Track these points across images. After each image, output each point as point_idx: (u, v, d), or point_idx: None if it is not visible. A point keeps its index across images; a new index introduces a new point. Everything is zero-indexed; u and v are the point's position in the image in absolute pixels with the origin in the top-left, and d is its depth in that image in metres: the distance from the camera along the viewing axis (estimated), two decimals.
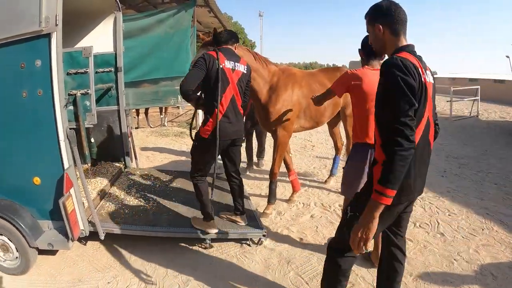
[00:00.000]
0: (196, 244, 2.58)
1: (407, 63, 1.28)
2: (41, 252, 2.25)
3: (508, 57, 14.31)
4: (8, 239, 2.14)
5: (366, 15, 1.50)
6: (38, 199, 2.18)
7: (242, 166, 4.59)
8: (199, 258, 2.44)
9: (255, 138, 4.65)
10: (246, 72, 2.41)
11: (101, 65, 3.28)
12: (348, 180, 2.20)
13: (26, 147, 2.10)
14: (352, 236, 1.32)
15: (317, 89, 3.05)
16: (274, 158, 3.08)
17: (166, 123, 7.82)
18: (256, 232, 2.57)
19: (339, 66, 4.28)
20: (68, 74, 2.75)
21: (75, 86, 2.80)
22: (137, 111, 7.54)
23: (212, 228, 2.48)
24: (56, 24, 1.91)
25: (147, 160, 4.94)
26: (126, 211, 2.72)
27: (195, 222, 2.55)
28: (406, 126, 1.22)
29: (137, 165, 3.96)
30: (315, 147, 6.04)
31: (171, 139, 6.46)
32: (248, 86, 2.52)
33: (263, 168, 4.65)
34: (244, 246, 2.61)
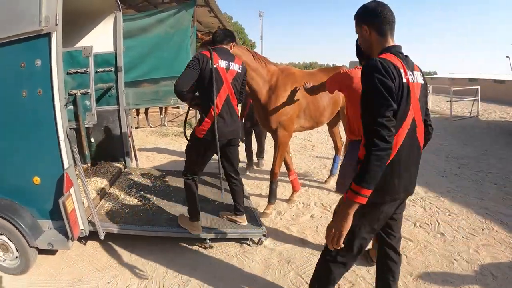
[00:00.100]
0: (196, 244, 2.58)
1: (387, 65, 1.28)
2: (41, 251, 2.25)
3: (508, 57, 14.33)
4: (8, 238, 2.14)
5: (354, 16, 1.50)
6: (38, 199, 2.17)
7: (242, 166, 4.60)
8: (199, 258, 2.44)
9: (254, 138, 4.64)
10: (241, 71, 2.39)
11: (101, 64, 3.28)
12: (344, 178, 2.20)
13: (26, 147, 2.10)
14: (327, 232, 1.35)
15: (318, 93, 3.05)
16: (274, 158, 3.08)
17: (166, 123, 7.82)
18: (256, 232, 2.57)
19: (339, 66, 4.28)
20: (68, 73, 2.76)
21: (75, 86, 2.80)
22: (137, 111, 7.55)
23: (196, 230, 2.46)
24: (56, 24, 1.91)
25: (147, 160, 4.95)
26: (126, 211, 2.72)
27: (181, 220, 2.55)
28: (382, 127, 1.23)
29: (137, 165, 3.96)
30: (315, 147, 6.04)
31: (171, 139, 6.46)
32: (244, 85, 2.50)
33: (263, 168, 4.65)
34: (244, 246, 2.60)
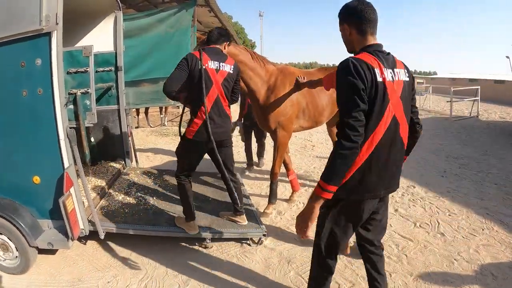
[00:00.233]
0: (196, 244, 2.58)
1: (360, 65, 1.29)
2: (41, 251, 2.25)
3: (508, 57, 14.33)
4: (8, 238, 2.13)
5: (338, 15, 1.49)
6: (38, 198, 2.17)
7: (242, 166, 4.61)
8: (199, 257, 2.44)
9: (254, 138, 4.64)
10: (232, 72, 2.33)
11: (101, 64, 3.28)
12: None
13: (26, 146, 2.09)
14: (296, 222, 1.42)
15: (315, 88, 3.03)
16: (274, 158, 3.07)
17: (166, 123, 7.82)
18: (256, 232, 2.57)
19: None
20: (68, 73, 2.75)
21: (75, 85, 2.80)
22: (137, 110, 7.55)
23: (193, 229, 2.46)
24: (56, 23, 1.91)
25: (147, 160, 4.94)
26: (126, 211, 2.72)
27: (178, 221, 2.55)
28: (349, 127, 1.25)
29: (137, 164, 3.96)
30: (315, 147, 6.04)
31: (171, 138, 6.46)
32: (237, 85, 2.45)
33: (263, 168, 4.64)
34: (244, 245, 2.60)
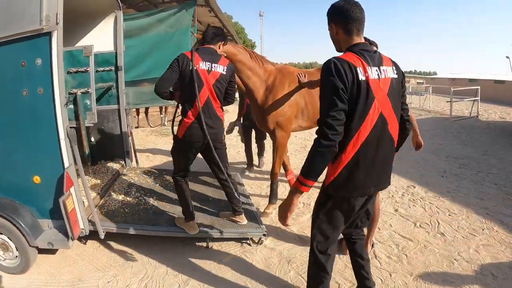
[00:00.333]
0: (196, 244, 2.58)
1: (341, 65, 1.31)
2: (41, 251, 2.25)
3: (508, 57, 14.33)
4: (8, 238, 2.13)
5: (326, 15, 1.50)
6: (38, 198, 2.17)
7: (242, 166, 4.61)
8: (199, 257, 2.44)
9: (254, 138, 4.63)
10: (225, 72, 2.29)
11: (101, 64, 3.28)
12: None
13: (26, 146, 2.09)
14: (278, 212, 1.52)
15: (315, 88, 3.03)
16: (274, 159, 3.06)
17: (166, 123, 7.82)
18: (256, 232, 2.57)
19: None
20: (68, 72, 2.76)
21: (75, 85, 2.80)
22: (137, 110, 7.54)
23: (192, 229, 2.46)
24: (57, 23, 1.91)
25: (147, 160, 4.94)
26: (126, 210, 2.72)
27: (178, 221, 2.55)
28: (327, 125, 1.31)
29: (137, 164, 3.96)
30: None
31: (171, 138, 6.35)
32: (232, 87, 2.41)
33: (263, 168, 4.64)
34: (244, 245, 2.60)
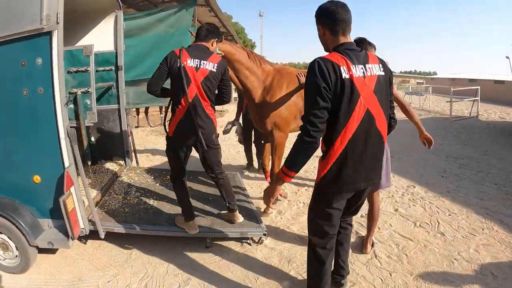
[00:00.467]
0: (196, 243, 2.58)
1: (324, 64, 1.37)
2: (41, 250, 2.25)
3: (508, 57, 14.34)
4: (8, 237, 2.13)
5: (314, 16, 1.54)
6: (38, 198, 2.17)
7: (242, 166, 4.61)
8: (199, 257, 2.44)
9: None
10: (215, 70, 2.22)
11: (101, 63, 3.28)
12: None
13: (27, 145, 2.09)
14: (263, 196, 1.69)
15: None
16: (272, 159, 3.02)
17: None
18: (256, 231, 2.57)
19: None
20: (68, 72, 2.76)
21: (75, 85, 2.80)
22: (137, 110, 7.54)
23: (193, 229, 2.46)
24: (57, 22, 1.91)
25: (147, 159, 4.94)
26: (126, 210, 2.72)
27: (178, 221, 2.54)
28: (309, 123, 1.38)
29: (137, 164, 3.96)
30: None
31: None
32: (226, 85, 2.37)
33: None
34: (244, 245, 2.60)
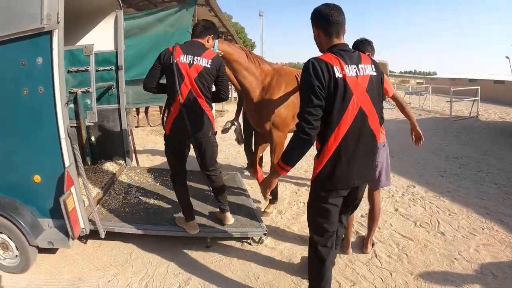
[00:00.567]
0: (196, 243, 2.57)
1: (318, 64, 1.42)
2: (41, 250, 2.24)
3: (508, 57, 14.35)
4: (8, 237, 2.13)
5: (310, 18, 1.59)
6: (38, 197, 2.17)
7: (242, 166, 4.61)
8: (200, 257, 2.44)
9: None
10: (209, 66, 2.18)
11: (102, 63, 3.28)
12: None
13: (27, 145, 2.09)
14: (260, 187, 1.73)
15: None
16: (272, 160, 2.99)
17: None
18: (257, 231, 2.56)
19: None
20: (69, 72, 2.75)
21: (76, 84, 2.80)
22: (137, 110, 7.53)
23: (193, 229, 2.45)
24: (57, 22, 1.91)
25: (147, 159, 4.94)
26: (127, 210, 2.72)
27: (179, 221, 2.54)
28: (304, 120, 1.43)
29: (137, 163, 3.96)
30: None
31: None
32: (222, 81, 2.32)
33: (263, 168, 4.62)
34: (245, 245, 2.60)
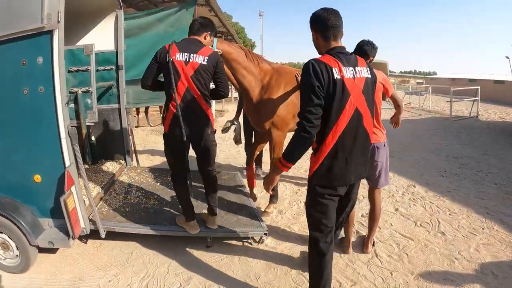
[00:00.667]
0: (197, 243, 2.57)
1: (318, 65, 1.47)
2: (41, 250, 2.24)
3: (508, 57, 14.35)
4: (9, 237, 2.13)
5: (309, 22, 1.65)
6: (38, 197, 2.17)
7: (242, 166, 4.61)
8: (200, 256, 2.44)
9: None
10: (206, 63, 2.15)
11: (102, 63, 3.27)
12: None
13: (27, 145, 2.09)
14: (263, 183, 1.78)
15: None
16: (271, 159, 2.98)
17: None
18: (257, 231, 2.57)
19: None
20: (69, 71, 2.75)
21: (76, 84, 2.80)
22: (137, 110, 7.53)
23: (193, 229, 2.45)
24: (58, 21, 1.91)
25: (148, 159, 4.94)
26: (127, 209, 2.72)
27: (179, 221, 2.54)
28: (305, 119, 1.47)
29: (137, 163, 3.95)
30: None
31: None
32: (220, 78, 2.30)
33: (263, 168, 4.62)
34: (245, 244, 2.60)
